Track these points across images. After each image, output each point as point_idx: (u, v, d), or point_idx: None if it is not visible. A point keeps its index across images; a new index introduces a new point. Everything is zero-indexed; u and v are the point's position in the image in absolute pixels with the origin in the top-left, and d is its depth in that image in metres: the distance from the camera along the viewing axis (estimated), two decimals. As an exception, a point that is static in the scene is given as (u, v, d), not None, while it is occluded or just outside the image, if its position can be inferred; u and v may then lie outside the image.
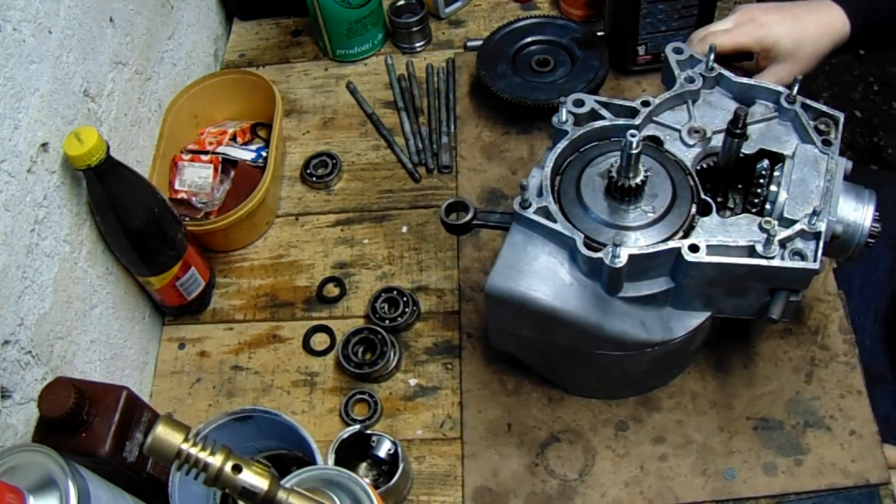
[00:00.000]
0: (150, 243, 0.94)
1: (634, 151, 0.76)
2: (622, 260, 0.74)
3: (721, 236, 0.77)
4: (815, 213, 0.75)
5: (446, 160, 1.17)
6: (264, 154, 1.15)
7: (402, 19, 1.28)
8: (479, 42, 1.22)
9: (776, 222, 0.76)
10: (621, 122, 0.85)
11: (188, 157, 1.14)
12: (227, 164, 1.15)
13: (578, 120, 0.86)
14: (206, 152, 1.14)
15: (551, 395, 0.96)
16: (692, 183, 0.82)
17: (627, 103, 0.87)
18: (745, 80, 0.87)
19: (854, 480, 0.88)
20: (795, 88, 0.83)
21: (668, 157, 0.84)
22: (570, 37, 1.20)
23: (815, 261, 0.75)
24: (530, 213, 0.80)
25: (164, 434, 0.56)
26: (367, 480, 0.71)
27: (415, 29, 1.28)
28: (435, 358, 1.01)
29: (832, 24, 0.97)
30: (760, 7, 1.00)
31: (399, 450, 0.88)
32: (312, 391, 1.01)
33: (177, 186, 1.12)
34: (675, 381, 0.95)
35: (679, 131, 0.86)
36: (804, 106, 0.83)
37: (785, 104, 0.84)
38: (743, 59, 1.02)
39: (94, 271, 0.93)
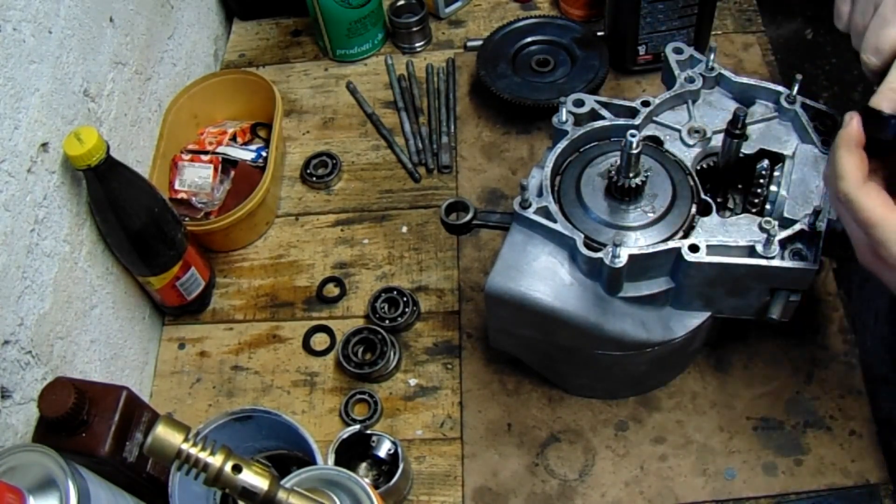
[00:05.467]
0: (150, 243, 0.94)
1: (634, 151, 0.75)
2: (622, 260, 0.74)
3: (721, 236, 0.77)
4: (815, 213, 0.75)
5: (446, 160, 1.17)
6: (264, 154, 1.15)
7: (402, 19, 1.28)
8: (479, 42, 1.22)
9: (776, 222, 0.76)
10: (621, 122, 0.85)
11: (188, 157, 1.14)
12: (227, 164, 1.15)
13: (578, 120, 0.86)
14: (206, 152, 1.14)
15: (551, 395, 0.96)
16: (692, 183, 0.82)
17: (627, 103, 0.87)
18: (744, 79, 0.87)
19: (854, 480, 0.88)
20: (795, 88, 0.83)
21: (668, 157, 0.84)
22: (570, 37, 1.20)
23: (815, 261, 0.74)
24: (530, 213, 0.80)
25: (164, 434, 0.56)
26: (367, 480, 0.70)
27: (415, 29, 1.28)
28: (435, 358, 1.01)
29: None
30: None
31: (399, 450, 0.88)
32: (312, 391, 1.01)
33: (177, 186, 1.12)
34: (675, 381, 0.95)
35: (679, 131, 0.86)
36: (804, 106, 0.83)
37: (785, 104, 0.84)
38: None
39: (94, 271, 0.93)
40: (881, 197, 0.62)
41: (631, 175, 0.78)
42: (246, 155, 1.15)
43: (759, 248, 0.75)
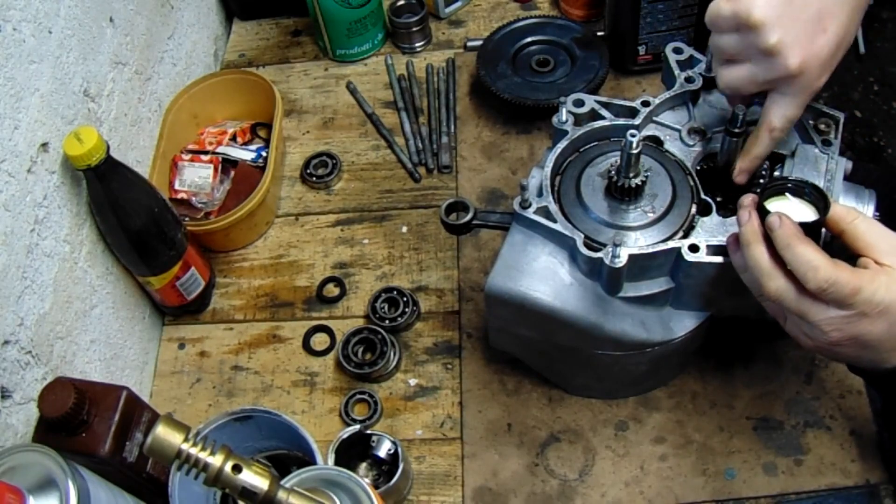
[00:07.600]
0: (150, 243, 0.94)
1: (634, 151, 0.75)
2: (622, 260, 0.74)
3: (721, 236, 0.77)
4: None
5: (446, 160, 1.17)
6: (264, 154, 1.15)
7: (402, 19, 1.28)
8: (479, 42, 1.22)
9: (776, 222, 0.75)
10: (621, 122, 0.85)
11: (188, 157, 1.14)
12: (227, 164, 1.15)
13: (578, 120, 0.86)
14: (206, 152, 1.15)
15: (551, 395, 0.96)
16: (692, 183, 0.82)
17: (627, 103, 0.87)
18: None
19: (854, 480, 0.88)
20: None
21: (668, 157, 0.84)
22: (570, 37, 1.20)
23: (815, 261, 0.74)
24: (530, 213, 0.80)
25: (164, 434, 0.56)
26: (367, 480, 0.71)
27: (415, 29, 1.28)
28: (435, 358, 1.01)
29: None
30: None
31: (399, 450, 0.88)
32: (312, 391, 1.01)
33: (177, 186, 1.12)
34: (675, 381, 0.95)
35: (679, 131, 0.86)
36: (804, 106, 0.83)
37: (785, 104, 0.84)
38: None
39: (94, 271, 0.93)
40: (843, 264, 0.63)
41: (631, 175, 0.78)
42: (246, 155, 1.15)
43: (759, 248, 0.75)
